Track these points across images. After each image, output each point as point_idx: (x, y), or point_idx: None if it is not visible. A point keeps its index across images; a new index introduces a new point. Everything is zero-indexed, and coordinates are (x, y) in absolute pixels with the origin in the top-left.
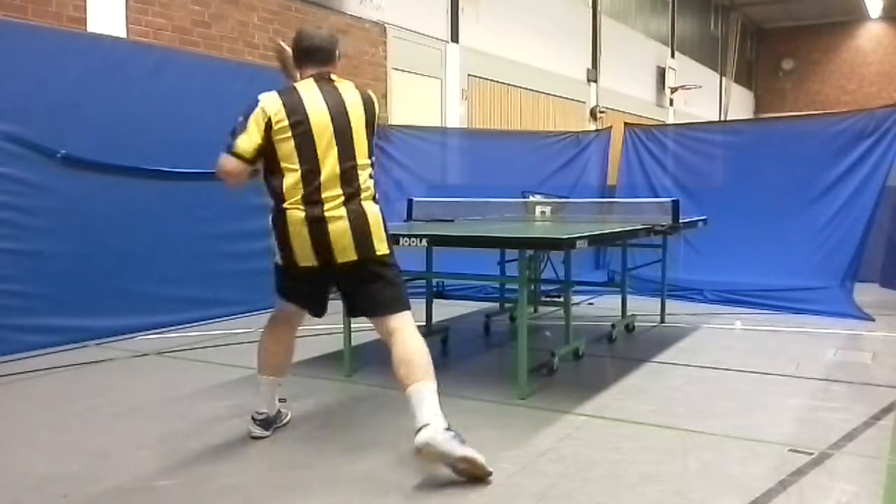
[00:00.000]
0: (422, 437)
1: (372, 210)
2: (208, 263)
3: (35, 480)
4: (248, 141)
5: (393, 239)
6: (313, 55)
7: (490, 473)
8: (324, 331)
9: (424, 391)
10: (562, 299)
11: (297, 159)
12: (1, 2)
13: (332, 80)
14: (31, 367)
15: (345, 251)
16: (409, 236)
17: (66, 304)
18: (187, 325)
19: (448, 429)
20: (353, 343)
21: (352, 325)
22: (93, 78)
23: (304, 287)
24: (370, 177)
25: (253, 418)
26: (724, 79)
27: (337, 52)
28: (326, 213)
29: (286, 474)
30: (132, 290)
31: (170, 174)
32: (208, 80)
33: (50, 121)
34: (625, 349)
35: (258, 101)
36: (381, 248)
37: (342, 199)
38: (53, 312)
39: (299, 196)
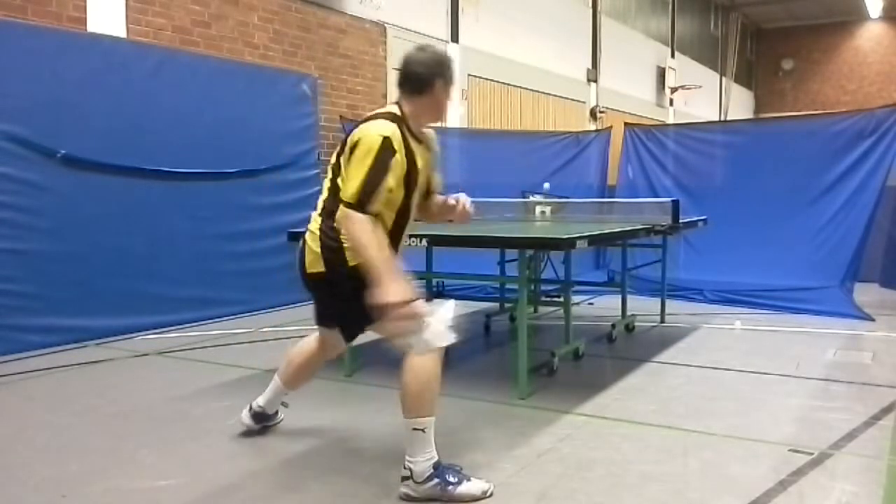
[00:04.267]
0: (400, 491)
1: (311, 230)
2: (208, 263)
3: (35, 480)
4: None
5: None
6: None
7: (488, 496)
8: None
9: (408, 430)
10: (562, 299)
11: None
12: (1, 2)
13: (384, 111)
14: (32, 367)
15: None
16: (409, 236)
17: (66, 304)
18: (187, 325)
19: (432, 474)
20: (354, 343)
21: None
22: (93, 78)
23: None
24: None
25: (250, 407)
26: (724, 79)
27: (411, 82)
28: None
29: (285, 474)
30: (132, 290)
31: (170, 174)
32: (208, 80)
33: (50, 121)
34: (625, 349)
35: None
36: (311, 266)
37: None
38: (53, 312)
39: None
